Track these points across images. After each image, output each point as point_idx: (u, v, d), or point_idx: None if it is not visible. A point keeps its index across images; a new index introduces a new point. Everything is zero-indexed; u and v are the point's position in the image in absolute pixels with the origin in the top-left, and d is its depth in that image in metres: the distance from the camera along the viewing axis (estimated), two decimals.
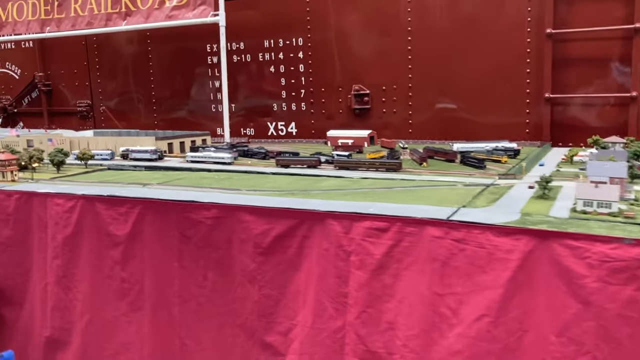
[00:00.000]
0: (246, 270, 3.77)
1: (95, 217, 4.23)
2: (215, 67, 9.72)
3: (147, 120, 10.39)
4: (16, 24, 9.27)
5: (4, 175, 4.88)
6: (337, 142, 6.79)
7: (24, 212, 4.51)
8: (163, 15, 8.10)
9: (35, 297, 4.57)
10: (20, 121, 11.88)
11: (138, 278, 4.18)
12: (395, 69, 8.46)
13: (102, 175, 5.15)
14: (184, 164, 5.54)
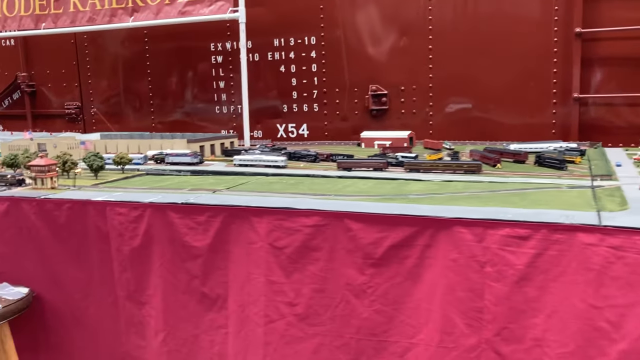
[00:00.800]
0: (353, 284, 3.40)
1: (167, 227, 3.80)
2: (219, 67, 9.30)
3: (144, 123, 9.88)
4: (6, 20, 8.65)
5: (44, 182, 4.38)
6: (373, 143, 6.47)
7: (79, 223, 4.05)
8: (175, 11, 7.64)
9: (101, 313, 4.09)
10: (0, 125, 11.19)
11: (220, 293, 3.77)
12: (415, 69, 8.20)
13: (146, 180, 4.70)
14: (231, 167, 5.13)
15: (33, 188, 4.53)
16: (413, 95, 8.25)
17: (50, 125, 10.62)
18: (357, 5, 8.22)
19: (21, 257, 4.34)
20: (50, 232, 4.20)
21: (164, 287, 3.90)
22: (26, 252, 4.32)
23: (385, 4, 8.09)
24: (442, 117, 8.12)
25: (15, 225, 4.31)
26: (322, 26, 8.59)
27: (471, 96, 7.89)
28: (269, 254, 3.58)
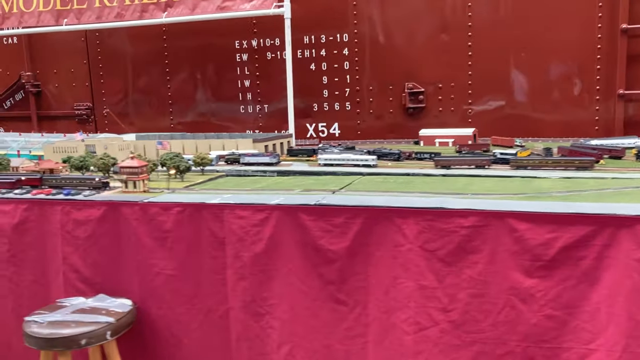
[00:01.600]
0: (519, 288, 3.20)
1: (297, 230, 3.53)
2: (245, 65, 9.01)
3: (162, 123, 9.52)
4: (23, 16, 8.19)
5: (136, 185, 4.06)
6: (434, 141, 6.29)
7: (189, 228, 3.74)
8: (213, 6, 7.33)
9: (207, 327, 3.79)
10: (0, 127, 10.67)
11: (359, 299, 3.51)
12: (453, 66, 8.08)
13: (237, 182, 4.42)
14: (316, 167, 4.88)
15: (123, 192, 4.20)
16: (451, 93, 8.12)
17: (59, 127, 10.14)
18: (392, 1, 8.02)
19: (118, 266, 4.01)
20: (153, 239, 3.88)
21: (291, 295, 3.62)
22: (124, 260, 3.99)
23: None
24: (482, 114, 8.00)
25: (113, 232, 3.98)
26: (356, 22, 8.38)
27: (511, 93, 7.81)
28: (419, 257, 3.35)
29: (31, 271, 4.24)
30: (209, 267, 3.82)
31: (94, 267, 4.06)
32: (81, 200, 4.05)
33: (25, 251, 4.23)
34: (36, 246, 4.21)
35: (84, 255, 4.06)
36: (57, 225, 4.11)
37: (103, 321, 3.57)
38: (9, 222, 4.22)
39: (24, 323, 3.60)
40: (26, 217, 4.19)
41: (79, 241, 4.05)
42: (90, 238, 4.03)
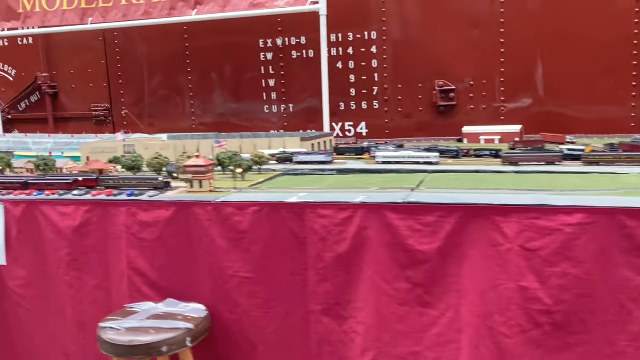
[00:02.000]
0: (630, 286, 3.07)
1: (384, 229, 3.38)
2: (269, 65, 8.86)
3: (184, 124, 9.35)
4: (46, 15, 7.99)
5: (202, 185, 3.90)
6: (479, 138, 6.16)
7: (266, 229, 3.58)
8: (245, 3, 7.17)
9: (285, 332, 3.64)
10: (15, 129, 10.46)
11: (451, 303, 3.37)
12: (485, 63, 7.97)
13: (298, 180, 4.27)
14: (373, 165, 4.74)
15: (188, 192, 4.03)
16: (483, 90, 8.00)
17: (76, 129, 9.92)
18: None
19: (188, 269, 3.84)
20: (227, 240, 3.71)
21: (376, 298, 3.47)
22: (194, 263, 3.82)
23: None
24: (514, 112, 7.90)
25: (183, 233, 3.81)
26: (384, 20, 8.25)
27: (545, 90, 7.71)
28: (519, 257, 3.20)
29: (93, 276, 4.07)
30: (287, 269, 3.66)
31: (161, 271, 3.89)
32: (148, 201, 3.88)
33: (86, 255, 4.06)
34: (98, 250, 4.03)
35: (150, 258, 3.89)
36: (122, 227, 3.93)
37: (182, 327, 3.40)
38: (70, 225, 4.04)
39: (99, 330, 3.43)
40: (88, 220, 4.02)
41: (145, 244, 3.88)
42: (158, 240, 3.86)
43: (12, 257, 4.24)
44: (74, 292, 4.13)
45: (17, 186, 4.40)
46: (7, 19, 8.11)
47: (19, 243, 4.22)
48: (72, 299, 4.14)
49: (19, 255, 4.23)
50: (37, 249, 4.19)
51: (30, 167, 5.19)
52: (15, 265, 4.24)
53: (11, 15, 8.06)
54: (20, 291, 4.26)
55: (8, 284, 4.26)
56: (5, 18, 8.13)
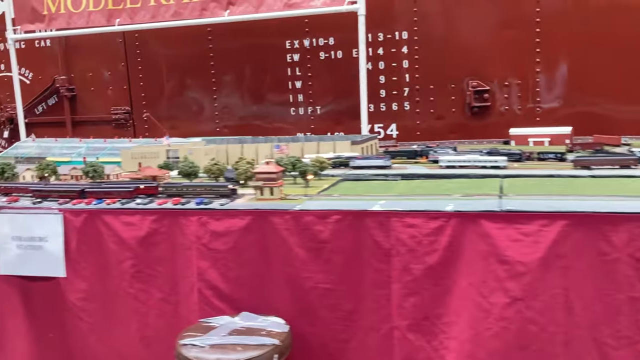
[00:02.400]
0: None
1: (479, 239, 3.23)
2: (295, 66, 8.70)
3: (207, 127, 9.16)
4: (71, 17, 7.79)
5: (273, 192, 3.73)
6: (527, 140, 6.02)
7: (348, 238, 3.42)
8: (280, 4, 7.00)
9: (368, 346, 3.47)
10: (31, 133, 10.24)
11: (554, 317, 3.21)
12: (520, 63, 7.84)
13: (366, 186, 4.11)
14: (436, 170, 4.59)
15: (258, 199, 3.86)
16: (518, 91, 7.86)
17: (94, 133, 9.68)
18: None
19: (263, 281, 3.68)
20: (306, 250, 3.55)
21: (470, 312, 3.31)
22: (270, 274, 3.66)
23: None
24: (550, 113, 7.77)
25: (258, 243, 3.65)
26: (416, 20, 8.10)
27: (582, 91, 7.58)
28: (628, 266, 3.05)
29: (159, 288, 3.90)
30: (370, 281, 3.50)
31: (234, 283, 3.72)
32: (222, 210, 3.71)
33: (152, 267, 3.89)
34: (166, 261, 3.86)
35: (223, 270, 3.72)
36: (192, 237, 3.77)
37: (269, 343, 3.24)
38: (135, 235, 3.87)
39: (180, 347, 3.25)
40: (155, 229, 3.85)
41: (217, 254, 3.72)
42: (232, 251, 3.69)
43: (71, 269, 4.06)
44: (138, 305, 3.96)
45: (73, 194, 4.20)
46: (31, 20, 7.91)
47: (79, 254, 4.05)
48: (137, 313, 3.97)
49: (79, 267, 4.06)
50: (99, 261, 4.02)
51: (76, 173, 5.01)
52: (75, 277, 4.06)
53: (35, 17, 7.87)
54: (80, 304, 4.08)
55: (68, 297, 4.09)
56: (29, 20, 7.93)
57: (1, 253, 4.17)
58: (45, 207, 4.12)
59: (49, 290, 4.16)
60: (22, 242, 4.12)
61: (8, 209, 4.19)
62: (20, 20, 7.94)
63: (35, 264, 4.11)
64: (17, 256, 4.14)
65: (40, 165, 4.96)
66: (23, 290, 4.24)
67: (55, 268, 4.06)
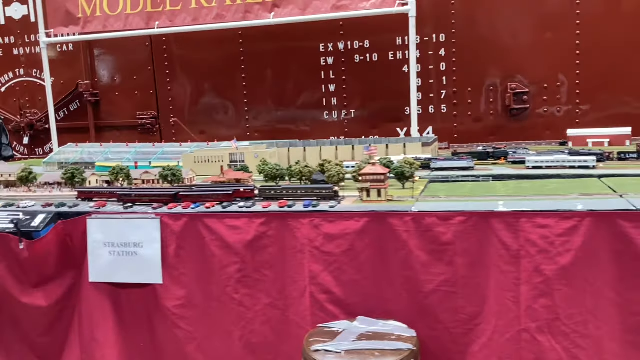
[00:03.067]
0: None
1: (616, 238, 3.18)
2: (329, 69, 8.64)
3: (237, 131, 9.02)
4: (108, 19, 7.64)
5: (380, 194, 3.66)
6: (586, 141, 6.02)
7: (473, 240, 3.36)
8: (328, 5, 6.93)
9: (493, 350, 3.41)
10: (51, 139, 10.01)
11: None
12: (559, 65, 7.85)
13: (466, 187, 4.05)
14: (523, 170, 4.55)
15: (364, 201, 3.79)
16: (557, 93, 7.88)
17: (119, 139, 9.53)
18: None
19: (379, 285, 3.60)
20: (427, 252, 3.48)
21: (605, 310, 3.26)
22: (387, 277, 3.59)
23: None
24: (591, 115, 7.79)
25: (374, 246, 3.56)
26: (454, 22, 8.08)
27: (624, 92, 7.60)
28: None
29: (267, 293, 3.79)
30: (496, 283, 3.44)
31: (348, 286, 3.63)
32: (336, 212, 3.61)
33: (259, 271, 3.79)
34: (274, 265, 3.76)
35: (337, 273, 3.63)
36: (304, 240, 3.67)
37: (404, 348, 3.16)
38: (242, 239, 3.76)
39: (313, 353, 3.16)
40: (263, 233, 3.75)
41: (331, 258, 3.62)
42: (346, 254, 3.61)
43: (169, 275, 3.94)
44: (243, 311, 3.85)
45: (166, 198, 4.08)
46: (66, 24, 7.74)
47: (178, 260, 3.92)
48: (241, 319, 3.86)
49: (178, 273, 3.94)
50: (200, 266, 3.91)
51: (148, 178, 4.88)
52: (172, 283, 3.94)
53: (70, 20, 7.70)
54: (178, 312, 3.95)
55: (165, 304, 3.96)
56: (63, 23, 7.76)
57: (92, 260, 4.02)
58: (141, 211, 3.98)
59: (142, 298, 4.04)
60: (115, 249, 3.99)
61: (98, 214, 4.05)
62: (54, 23, 7.76)
63: (129, 271, 3.98)
64: (110, 263, 4.01)
65: (113, 170, 4.83)
66: (113, 298, 4.10)
67: (152, 274, 3.93)
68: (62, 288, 4.16)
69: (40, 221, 4.05)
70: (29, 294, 4.16)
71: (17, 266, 4.11)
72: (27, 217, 4.09)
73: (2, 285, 4.15)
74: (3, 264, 4.12)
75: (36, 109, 10.01)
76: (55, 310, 4.19)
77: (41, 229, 4.00)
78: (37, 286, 4.16)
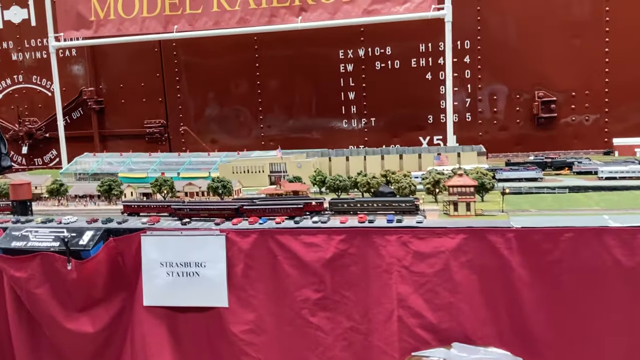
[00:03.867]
0: None
1: None
2: (349, 77, 8.35)
3: (251, 141, 8.71)
4: (123, 23, 7.27)
5: (469, 208, 3.37)
6: (634, 150, 5.82)
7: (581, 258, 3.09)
8: (358, 10, 6.65)
9: None
10: (52, 148, 9.61)
11: None
12: (588, 73, 7.67)
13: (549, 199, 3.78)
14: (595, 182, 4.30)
15: (452, 215, 3.48)
16: (585, 102, 7.69)
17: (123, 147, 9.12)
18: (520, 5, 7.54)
19: (475, 308, 3.28)
20: (529, 270, 3.20)
21: None
22: (486, 299, 3.29)
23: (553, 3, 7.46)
24: (619, 124, 7.60)
25: (472, 265, 3.26)
26: (479, 29, 7.87)
27: None
28: None
29: (348, 316, 3.46)
30: (608, 302, 3.16)
31: (443, 310, 3.32)
32: (428, 228, 3.30)
33: (339, 292, 3.45)
34: (356, 285, 3.44)
35: (430, 295, 3.32)
36: (390, 259, 3.35)
37: None
38: (320, 257, 3.43)
39: None
40: (343, 251, 3.42)
41: (423, 278, 3.30)
42: (440, 274, 3.29)
43: (236, 297, 3.59)
44: (321, 336, 3.51)
45: (228, 213, 3.73)
46: (77, 27, 7.34)
47: (246, 280, 3.57)
48: (318, 344, 3.52)
49: (246, 294, 3.58)
50: (271, 287, 3.56)
51: (191, 190, 4.53)
52: (240, 306, 3.59)
53: (81, 23, 7.31)
54: (246, 337, 3.60)
55: (231, 329, 3.60)
56: (73, 26, 7.36)
57: (147, 281, 3.65)
58: (203, 228, 3.63)
59: (204, 322, 3.68)
60: (174, 269, 3.62)
61: (154, 230, 3.68)
62: (64, 26, 7.36)
63: (189, 293, 3.62)
64: (167, 284, 3.64)
65: (155, 182, 4.46)
66: (170, 323, 3.74)
67: (216, 297, 3.58)
68: (111, 312, 3.78)
69: (89, 239, 3.66)
70: (74, 318, 3.77)
71: (63, 288, 3.71)
72: (72, 234, 3.69)
73: (45, 309, 3.74)
74: (46, 286, 3.72)
75: (35, 117, 9.54)
76: (103, 337, 3.81)
77: (91, 247, 3.61)
78: (83, 310, 3.77)
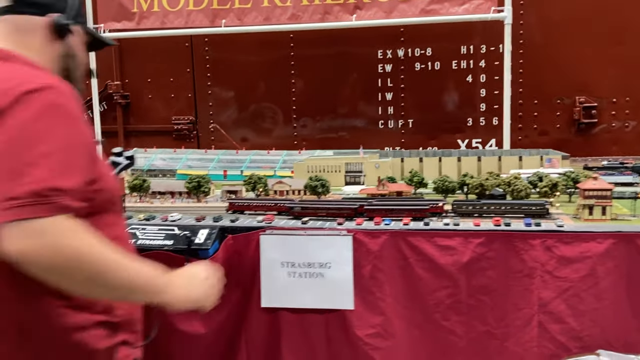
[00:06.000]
0: None
1: None
2: (387, 77, 8.27)
3: (284, 140, 8.56)
4: (167, 15, 7.08)
5: (605, 212, 3.32)
6: None
7: None
8: (415, 9, 6.59)
9: None
10: None
11: None
12: (629, 79, 7.71)
13: None
14: None
15: (585, 219, 3.43)
16: (626, 108, 7.74)
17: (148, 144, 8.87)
18: (562, 9, 7.56)
19: (624, 314, 3.23)
20: None
21: None
22: (633, 306, 3.21)
23: (596, 7, 7.49)
24: None
25: (620, 271, 3.20)
26: (521, 33, 7.86)
27: None
28: None
29: (482, 320, 3.37)
30: None
31: (587, 316, 3.25)
32: (574, 232, 3.23)
33: (474, 296, 3.37)
34: (493, 290, 3.36)
35: (574, 301, 3.25)
36: (533, 263, 3.27)
37: None
38: (456, 261, 3.34)
39: None
40: (481, 254, 3.33)
41: (566, 284, 3.24)
42: (585, 279, 3.22)
43: (362, 299, 3.48)
44: (454, 340, 3.42)
45: (347, 212, 3.61)
46: (118, 19, 7.12)
47: (373, 282, 3.46)
48: (451, 348, 3.43)
49: (373, 297, 3.47)
50: (400, 290, 3.46)
51: (281, 188, 4.40)
52: (367, 309, 3.47)
53: (123, 14, 7.09)
54: (372, 341, 3.49)
55: (356, 332, 3.48)
56: (115, 18, 7.13)
57: (266, 281, 3.51)
58: (329, 228, 3.51)
59: (325, 325, 3.56)
60: (296, 269, 3.49)
61: (273, 229, 3.54)
62: (104, 17, 7.12)
63: (312, 295, 3.50)
64: (288, 285, 3.51)
65: (249, 179, 4.31)
66: (288, 325, 3.60)
67: (342, 299, 3.46)
68: (223, 313, 3.62)
69: (205, 237, 3.52)
70: (186, 319, 3.60)
71: None
72: (185, 232, 3.53)
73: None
74: None
75: None
76: (215, 338, 3.64)
77: (209, 246, 3.46)
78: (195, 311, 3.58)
